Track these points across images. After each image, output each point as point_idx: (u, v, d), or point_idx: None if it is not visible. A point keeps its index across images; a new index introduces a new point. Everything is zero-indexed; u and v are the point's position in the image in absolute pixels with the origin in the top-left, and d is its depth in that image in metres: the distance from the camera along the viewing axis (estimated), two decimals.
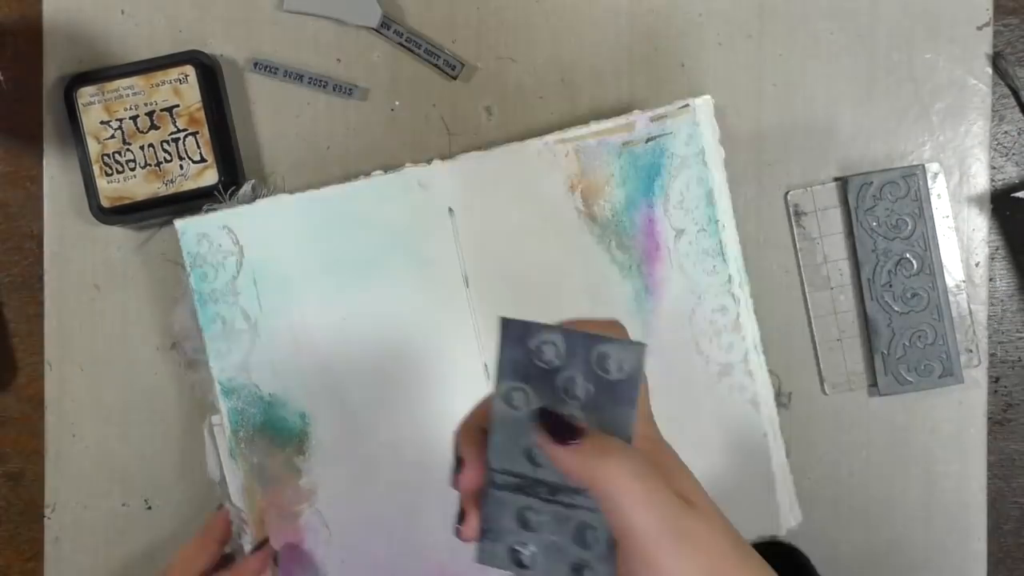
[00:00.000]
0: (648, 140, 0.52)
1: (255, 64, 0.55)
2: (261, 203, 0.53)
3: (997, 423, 0.57)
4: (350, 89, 0.56)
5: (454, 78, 0.56)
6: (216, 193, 0.54)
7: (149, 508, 0.57)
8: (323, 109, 0.56)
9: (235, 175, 0.55)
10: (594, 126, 0.52)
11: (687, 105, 0.52)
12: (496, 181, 0.53)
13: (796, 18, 0.56)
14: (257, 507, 0.53)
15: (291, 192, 0.53)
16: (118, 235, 0.57)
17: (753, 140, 0.56)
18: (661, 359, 0.52)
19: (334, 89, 0.56)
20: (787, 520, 0.54)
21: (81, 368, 0.57)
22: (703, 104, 0.52)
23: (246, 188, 0.55)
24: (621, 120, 0.52)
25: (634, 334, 0.49)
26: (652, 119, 0.52)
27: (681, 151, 0.52)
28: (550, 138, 0.52)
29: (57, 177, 0.57)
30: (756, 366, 0.53)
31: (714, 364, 0.53)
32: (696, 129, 0.52)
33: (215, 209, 0.53)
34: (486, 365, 0.53)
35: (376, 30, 0.55)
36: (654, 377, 0.40)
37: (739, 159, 0.56)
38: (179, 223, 0.53)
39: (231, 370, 0.53)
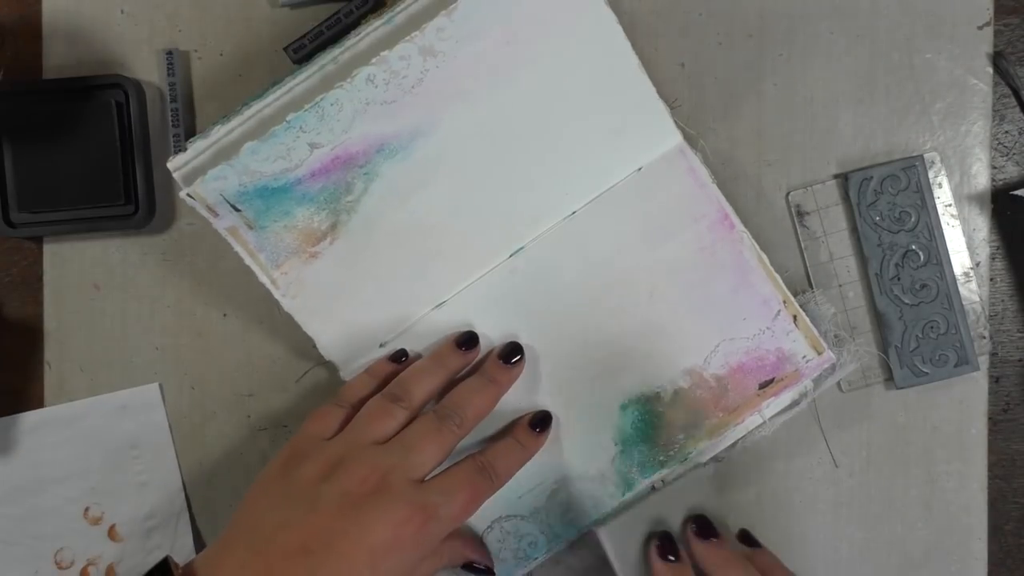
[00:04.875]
0: None
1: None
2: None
3: (997, 423, 0.57)
4: None
5: None
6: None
7: None
8: None
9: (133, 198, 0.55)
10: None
11: None
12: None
13: (796, 18, 0.56)
14: None
15: None
16: (118, 236, 0.57)
17: (753, 140, 0.56)
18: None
19: None
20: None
21: (81, 368, 0.57)
22: None
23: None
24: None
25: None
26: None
27: None
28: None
29: None
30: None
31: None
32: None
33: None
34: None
35: None
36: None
37: (739, 159, 0.56)
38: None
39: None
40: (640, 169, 0.52)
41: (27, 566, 0.56)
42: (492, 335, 0.53)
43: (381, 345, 0.53)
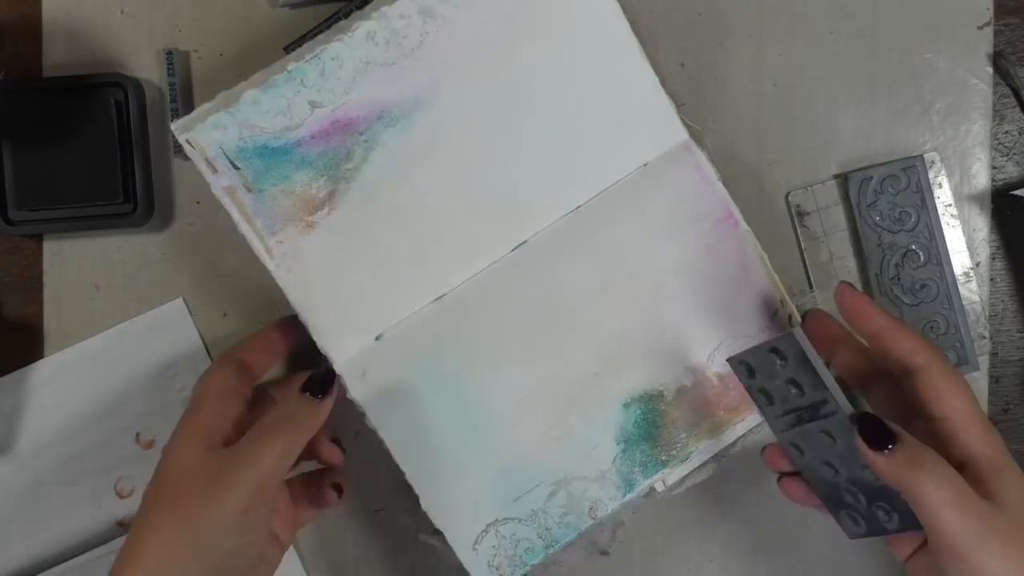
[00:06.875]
0: None
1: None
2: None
3: (997, 423, 0.57)
4: None
5: None
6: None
7: None
8: None
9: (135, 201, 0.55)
10: None
11: None
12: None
13: (796, 18, 0.56)
14: None
15: None
16: (118, 235, 0.57)
17: (753, 140, 0.56)
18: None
19: None
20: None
21: None
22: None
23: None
24: None
25: None
26: None
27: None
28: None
29: None
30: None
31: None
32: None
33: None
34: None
35: None
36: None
37: (739, 159, 0.56)
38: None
39: None
40: (646, 165, 0.52)
41: (90, 502, 0.56)
42: (492, 330, 0.53)
43: (377, 338, 0.52)
